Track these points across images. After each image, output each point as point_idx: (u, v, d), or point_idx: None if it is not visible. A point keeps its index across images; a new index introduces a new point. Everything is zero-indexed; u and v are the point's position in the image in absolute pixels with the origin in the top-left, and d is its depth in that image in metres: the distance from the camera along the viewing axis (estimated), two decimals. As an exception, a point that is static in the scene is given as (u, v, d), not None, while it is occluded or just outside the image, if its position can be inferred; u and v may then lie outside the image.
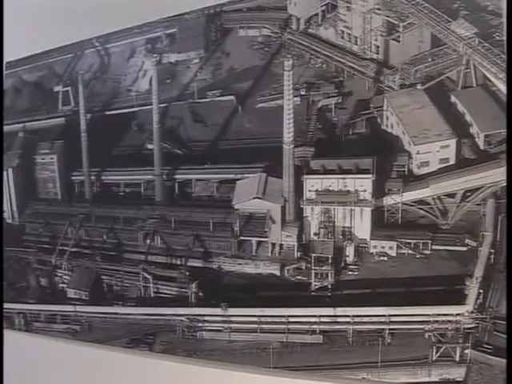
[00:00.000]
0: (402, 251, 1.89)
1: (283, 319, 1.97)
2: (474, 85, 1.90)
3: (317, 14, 2.00)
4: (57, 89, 2.53)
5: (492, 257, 1.89)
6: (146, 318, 2.19)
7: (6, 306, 2.63)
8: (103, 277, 2.29)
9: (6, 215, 2.63)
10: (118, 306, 2.25)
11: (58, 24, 2.58)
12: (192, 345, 2.11)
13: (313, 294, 1.93)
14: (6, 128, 2.73)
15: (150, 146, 2.16)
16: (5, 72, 2.77)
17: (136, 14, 2.28)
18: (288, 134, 1.92)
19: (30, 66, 2.69)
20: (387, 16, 1.91)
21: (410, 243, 1.89)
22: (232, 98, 2.06)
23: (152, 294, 2.17)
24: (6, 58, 2.77)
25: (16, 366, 2.63)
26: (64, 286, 2.41)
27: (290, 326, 1.97)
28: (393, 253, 1.89)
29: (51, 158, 2.49)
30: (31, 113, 2.65)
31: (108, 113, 2.33)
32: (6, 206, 2.65)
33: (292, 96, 1.93)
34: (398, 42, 1.90)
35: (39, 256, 2.52)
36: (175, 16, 2.21)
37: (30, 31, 2.70)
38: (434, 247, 1.90)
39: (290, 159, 1.93)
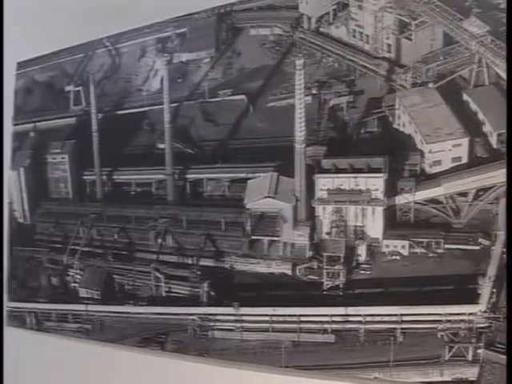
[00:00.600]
0: (415, 250, 1.88)
1: (295, 318, 1.97)
2: (487, 83, 1.89)
3: (328, 13, 1.99)
4: (68, 89, 2.53)
5: (505, 256, 1.88)
6: (158, 317, 2.18)
7: (17, 305, 2.63)
8: (115, 276, 2.28)
9: (17, 215, 2.63)
10: (129, 306, 2.24)
11: (68, 24, 2.58)
12: (203, 344, 2.11)
13: (324, 293, 1.92)
14: (17, 128, 2.74)
15: (161, 146, 2.15)
16: (16, 72, 2.77)
17: (146, 13, 2.28)
18: (299, 132, 1.92)
19: (41, 66, 2.69)
20: (399, 14, 1.90)
21: (422, 242, 1.88)
22: (243, 97, 2.05)
23: (164, 294, 2.16)
24: (18, 59, 2.77)
25: (28, 365, 2.63)
26: (76, 285, 2.41)
27: (301, 326, 1.96)
28: (405, 252, 1.88)
29: (62, 158, 2.49)
30: (42, 113, 2.66)
31: (119, 112, 2.33)
32: (17, 206, 2.66)
33: (303, 95, 1.92)
34: (410, 40, 1.89)
35: (51, 255, 2.52)
36: (185, 16, 2.20)
37: (41, 31, 2.70)
38: (447, 246, 1.89)
39: (302, 158, 1.92)
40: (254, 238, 1.98)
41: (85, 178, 2.39)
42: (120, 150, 2.27)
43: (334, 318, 1.89)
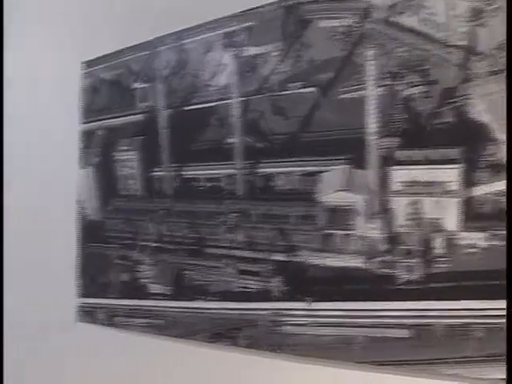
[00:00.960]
0: (493, 242, 1.84)
1: (369, 313, 1.94)
2: None
3: (399, 2, 1.96)
4: (134, 86, 2.55)
5: None
6: (229, 312, 2.19)
7: (88, 300, 2.67)
8: (185, 271, 2.30)
9: (88, 212, 2.67)
10: (200, 301, 2.26)
11: (133, 22, 2.61)
12: (276, 339, 2.10)
13: (399, 287, 1.89)
14: (84, 126, 2.79)
15: (230, 140, 2.15)
16: (83, 71, 2.82)
17: (211, 9, 2.29)
18: (372, 124, 1.89)
19: (107, 65, 2.72)
20: (472, 0, 1.85)
21: (500, 234, 1.84)
22: (313, 89, 2.03)
23: (235, 289, 2.16)
24: (85, 58, 2.82)
25: (98, 360, 2.67)
26: (146, 281, 2.44)
27: (376, 320, 1.94)
28: (483, 244, 1.84)
29: (131, 155, 2.52)
30: (109, 111, 2.69)
31: (187, 108, 2.34)
32: (87, 204, 2.70)
33: (375, 86, 1.90)
34: (485, 27, 1.84)
35: (121, 252, 2.55)
36: (252, 9, 2.20)
37: (107, 30, 2.74)
38: (527, 238, 1.83)
39: (375, 150, 1.90)
40: (326, 231, 1.96)
41: (153, 174, 2.41)
42: (188, 146, 2.28)
43: (409, 313, 1.86)
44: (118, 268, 2.52)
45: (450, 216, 1.86)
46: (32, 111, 3.22)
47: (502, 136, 1.79)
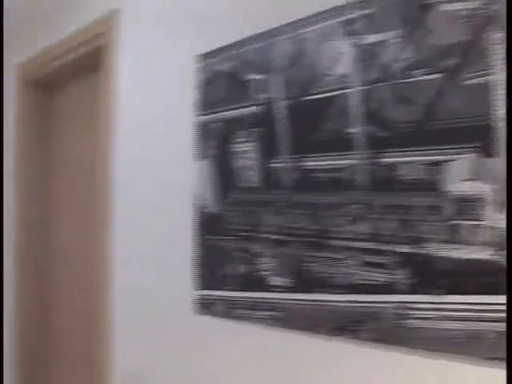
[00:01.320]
0: None
1: (498, 307, 1.89)
2: None
3: (527, -19, 1.89)
4: (251, 77, 2.58)
5: None
6: (352, 305, 2.18)
7: (206, 293, 2.72)
8: (307, 264, 2.31)
9: (206, 204, 2.72)
10: (322, 293, 2.25)
11: (250, 14, 2.63)
12: (400, 333, 2.08)
13: (532, 279, 1.84)
14: (200, 119, 2.84)
15: (351, 130, 2.13)
16: (198, 64, 2.86)
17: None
18: (500, 110, 1.84)
19: (223, 57, 2.76)
20: None
21: None
22: (438, 76, 1.99)
23: (358, 281, 2.15)
24: (199, 51, 2.87)
25: (216, 353, 2.72)
26: (266, 273, 2.46)
27: (505, 315, 1.88)
28: None
29: (249, 147, 2.55)
30: (225, 103, 2.73)
31: (305, 98, 2.34)
32: (205, 196, 2.74)
33: (504, 70, 1.84)
34: None
35: (240, 244, 2.58)
36: (371, -5, 2.18)
37: (222, 23, 2.77)
38: None
39: (504, 138, 1.84)
40: (453, 222, 1.93)
41: (272, 165, 2.43)
42: (307, 137, 2.29)
43: (543, 307, 1.79)
44: (237, 260, 2.56)
45: None
46: (147, 108, 3.31)
47: None
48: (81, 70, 4.43)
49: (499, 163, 1.87)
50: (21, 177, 4.79)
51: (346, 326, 2.19)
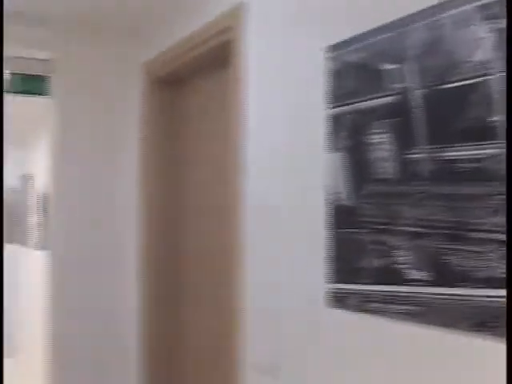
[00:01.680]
0: None
1: None
2: None
3: None
4: (384, 67, 2.55)
5: None
6: (494, 300, 2.12)
7: (339, 286, 2.72)
8: (446, 257, 2.26)
9: (339, 197, 2.72)
10: (462, 288, 2.21)
11: (379, 3, 2.61)
12: (547, 329, 2.01)
13: None
14: (331, 111, 2.86)
15: (494, 118, 2.07)
16: (327, 55, 2.87)
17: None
18: None
19: (353, 48, 2.75)
20: None
21: None
22: None
23: (500, 275, 2.08)
24: (329, 42, 2.87)
25: (350, 347, 2.72)
26: (402, 266, 2.43)
27: None
28: None
29: (383, 138, 2.53)
30: (357, 94, 2.72)
31: (443, 87, 2.29)
32: (338, 189, 2.75)
33: None
34: None
35: (375, 236, 2.57)
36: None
37: (352, 12, 2.77)
38: None
39: None
40: None
41: (408, 156, 2.40)
42: (446, 126, 2.25)
43: None
44: (372, 253, 2.54)
45: None
46: (277, 102, 3.34)
47: None
48: (208, 65, 4.51)
49: None
50: (148, 183, 4.89)
51: (486, 321, 2.13)
